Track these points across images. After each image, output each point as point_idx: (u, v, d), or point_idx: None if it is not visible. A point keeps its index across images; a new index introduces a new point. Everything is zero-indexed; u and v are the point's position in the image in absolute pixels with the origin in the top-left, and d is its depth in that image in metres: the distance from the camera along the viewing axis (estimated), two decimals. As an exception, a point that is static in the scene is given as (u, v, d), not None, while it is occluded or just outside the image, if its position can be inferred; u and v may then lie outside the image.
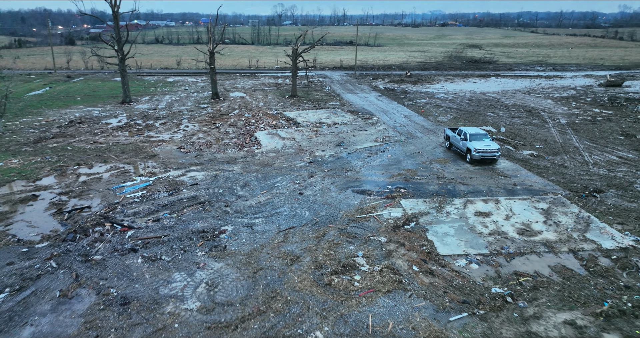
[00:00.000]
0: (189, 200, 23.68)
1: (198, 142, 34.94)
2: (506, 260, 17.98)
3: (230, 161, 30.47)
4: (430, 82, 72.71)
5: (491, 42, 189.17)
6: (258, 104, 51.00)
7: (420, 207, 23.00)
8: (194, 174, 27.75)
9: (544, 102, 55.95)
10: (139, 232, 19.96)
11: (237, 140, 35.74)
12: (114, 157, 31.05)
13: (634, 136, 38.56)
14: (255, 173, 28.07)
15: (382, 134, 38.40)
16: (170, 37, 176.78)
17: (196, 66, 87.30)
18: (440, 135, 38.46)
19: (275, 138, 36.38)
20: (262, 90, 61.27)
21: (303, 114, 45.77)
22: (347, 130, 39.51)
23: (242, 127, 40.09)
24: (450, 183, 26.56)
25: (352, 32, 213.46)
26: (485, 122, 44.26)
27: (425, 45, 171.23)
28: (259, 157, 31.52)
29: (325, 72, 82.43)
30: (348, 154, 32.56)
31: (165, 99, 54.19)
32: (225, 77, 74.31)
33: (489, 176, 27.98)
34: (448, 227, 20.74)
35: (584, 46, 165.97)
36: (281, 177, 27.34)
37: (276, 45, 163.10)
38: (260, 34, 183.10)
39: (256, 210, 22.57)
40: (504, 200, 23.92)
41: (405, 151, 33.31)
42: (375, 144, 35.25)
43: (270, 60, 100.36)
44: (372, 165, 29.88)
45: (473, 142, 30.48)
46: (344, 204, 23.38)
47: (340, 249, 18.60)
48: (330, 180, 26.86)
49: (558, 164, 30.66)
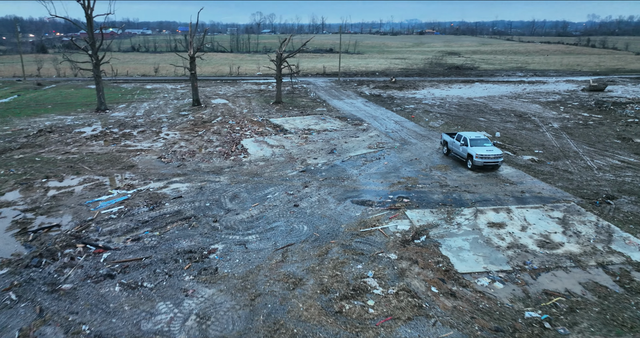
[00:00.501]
0: (172, 215, 21.27)
1: (180, 151, 32.48)
2: (532, 277, 16.17)
3: (216, 171, 28.13)
4: (416, 88, 71.66)
5: (469, 49, 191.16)
6: (242, 111, 48.74)
7: (427, 218, 21.11)
8: (177, 186, 25.33)
9: (532, 107, 55.25)
10: (116, 253, 17.49)
11: (222, 148, 33.42)
12: (87, 169, 28.36)
13: (630, 140, 37.73)
14: (244, 183, 25.81)
15: (374, 140, 36.61)
16: (147, 45, 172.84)
17: (175, 73, 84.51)
18: (435, 140, 36.89)
19: (263, 146, 34.18)
20: (245, 97, 59.03)
21: (290, 121, 43.71)
22: (337, 136, 37.59)
23: (226, 134, 37.77)
24: (455, 192, 24.81)
25: (332, 40, 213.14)
26: (477, 127, 42.98)
27: (405, 53, 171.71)
28: (247, 166, 29.27)
29: (308, 79, 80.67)
30: (342, 161, 30.60)
31: (143, 107, 51.43)
32: (206, 84, 71.78)
33: (494, 183, 26.36)
34: (462, 240, 18.88)
35: (559, 53, 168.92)
36: (273, 188, 25.16)
37: (255, 53, 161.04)
38: (239, 42, 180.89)
39: (249, 225, 20.31)
40: (516, 209, 22.24)
41: (402, 158, 31.54)
42: (369, 150, 33.40)
43: (252, 67, 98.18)
44: (369, 174, 27.97)
45: (474, 147, 28.90)
46: (345, 217, 21.33)
47: (347, 269, 16.51)
48: (327, 190, 24.80)
49: (562, 170, 29.31)
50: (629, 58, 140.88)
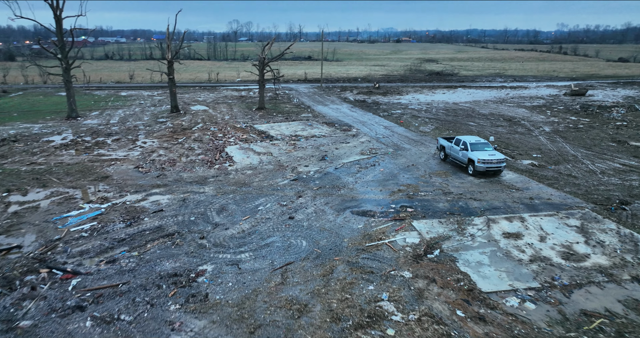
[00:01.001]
0: (153, 231, 18.86)
1: (159, 160, 29.97)
2: (564, 295, 14.42)
3: (200, 181, 25.75)
4: (400, 93, 70.53)
5: (446, 56, 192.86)
6: (224, 117, 46.38)
7: (437, 229, 19.26)
8: (156, 198, 22.87)
9: (519, 111, 54.55)
10: (87, 279, 15.01)
11: (205, 156, 31.04)
12: (55, 180, 25.62)
13: (625, 143, 36.94)
14: (231, 194, 23.53)
15: (366, 146, 34.80)
16: (122, 53, 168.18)
17: (151, 79, 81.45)
18: (428, 146, 35.32)
19: (249, 153, 31.94)
20: (226, 103, 56.64)
21: (275, 127, 41.59)
22: (327, 142, 35.64)
23: (208, 142, 35.38)
24: (461, 200, 23.08)
25: (310, 48, 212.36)
26: (469, 131, 41.70)
27: (384, 60, 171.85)
28: (234, 175, 26.98)
29: (290, 85, 78.74)
30: (335, 168, 28.62)
31: (117, 114, 48.51)
32: (184, 90, 69.07)
33: (500, 189, 24.77)
34: (479, 253, 17.06)
35: (534, 60, 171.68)
36: (264, 199, 22.95)
37: (233, 60, 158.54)
38: (216, 49, 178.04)
39: (240, 241, 18.06)
40: (529, 217, 20.61)
41: (398, 164, 29.77)
42: (362, 157, 31.54)
43: (231, 74, 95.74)
44: (366, 181, 26.05)
45: (475, 152, 27.34)
46: (346, 229, 19.30)
47: (358, 291, 14.45)
48: (323, 200, 22.75)
49: (565, 174, 28.00)
50: (601, 64, 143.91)
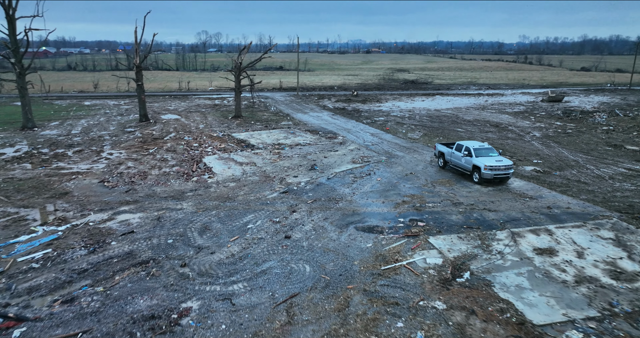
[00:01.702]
0: (122, 259, 15.54)
1: (128, 173, 26.47)
2: (631, 325, 12.00)
3: (176, 196, 22.46)
4: (379, 101, 68.75)
5: (417, 66, 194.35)
6: (198, 126, 43.01)
7: (459, 246, 16.69)
8: (126, 217, 19.49)
9: (503, 117, 53.40)
10: (35, 328, 11.62)
11: (181, 168, 27.72)
12: (3, 199, 21.81)
13: (622, 147, 35.73)
14: (214, 211, 20.37)
15: (356, 154, 32.23)
16: (85, 63, 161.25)
17: (117, 88, 77.00)
18: (422, 152, 33.07)
19: (230, 163, 28.80)
20: (200, 112, 53.20)
21: (255, 135, 38.57)
22: (314, 151, 32.88)
23: (183, 152, 32.04)
24: (474, 211, 20.67)
25: (281, 58, 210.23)
26: (459, 137, 39.82)
27: (356, 70, 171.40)
28: (215, 188, 23.81)
29: (265, 93, 75.83)
30: (327, 179, 25.85)
31: (80, 124, 44.38)
32: (153, 99, 65.13)
33: (512, 198, 22.53)
34: (515, 275, 14.55)
35: (501, 69, 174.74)
36: (253, 215, 19.91)
37: (203, 70, 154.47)
38: (185, 60, 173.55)
39: (231, 268, 14.98)
40: (555, 229, 18.34)
41: (395, 173, 27.27)
42: (354, 165, 28.92)
43: (203, 83, 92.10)
44: (365, 192, 23.37)
45: (480, 158, 25.13)
46: (354, 249, 16.49)
47: (385, 329, 11.63)
48: (321, 215, 19.90)
49: (574, 180, 26.13)
50: (567, 73, 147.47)
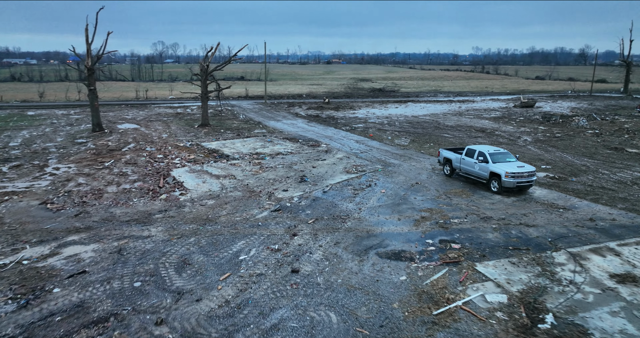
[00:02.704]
0: (69, 316, 10.93)
1: (78, 192, 21.51)
2: None
3: (141, 219, 17.84)
4: (353, 108, 65.72)
5: (378, 76, 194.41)
6: (160, 136, 38.06)
7: (517, 275, 13.12)
8: (75, 251, 14.78)
9: (483, 122, 51.42)
10: None
11: (144, 183, 23.00)
12: None
13: (623, 150, 33.83)
14: (193, 237, 15.96)
15: (347, 162, 28.49)
16: (32, 74, 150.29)
17: (67, 98, 70.22)
18: (418, 159, 29.76)
19: (204, 177, 24.30)
20: (161, 121, 48.05)
21: (228, 144, 34.12)
22: (299, 160, 28.88)
23: (146, 164, 27.23)
24: (510, 227, 17.28)
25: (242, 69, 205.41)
26: (450, 143, 36.98)
27: (319, 80, 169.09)
28: (190, 207, 19.32)
29: (231, 101, 71.18)
30: (323, 192, 21.91)
31: (21, 135, 38.38)
32: (108, 108, 59.16)
33: (544, 210, 19.36)
34: (609, 315, 11.07)
35: (461, 78, 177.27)
36: (243, 241, 15.65)
37: (160, 81, 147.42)
38: (141, 71, 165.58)
39: (228, 324, 10.69)
40: (619, 247, 15.16)
41: (398, 183, 23.68)
42: (349, 176, 25.13)
43: (163, 92, 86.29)
44: (373, 207, 19.57)
45: (499, 164, 21.94)
46: (386, 285, 12.60)
47: None
48: (330, 239, 15.90)
49: (596, 187, 23.40)
50: (525, 82, 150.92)
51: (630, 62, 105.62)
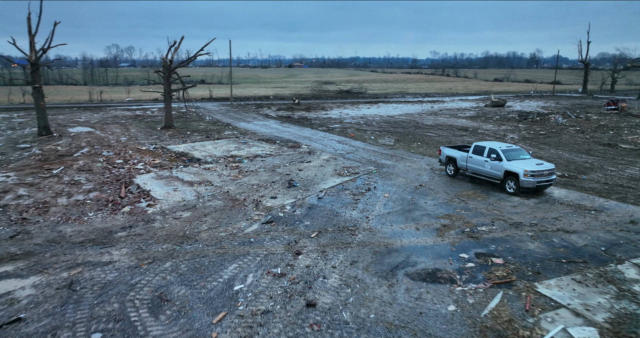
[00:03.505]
0: (-10, 397, 7.30)
1: (17, 205, 17.40)
2: None
3: (100, 239, 14.09)
4: (325, 109, 62.96)
5: (342, 79, 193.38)
6: (119, 139, 33.76)
7: (593, 298, 10.45)
8: (5, 288, 10.97)
9: (462, 121, 49.85)
10: None
11: (102, 193, 19.09)
12: None
13: (616, 146, 32.56)
14: (169, 261, 12.43)
15: (336, 164, 25.48)
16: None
17: (10, 101, 63.77)
18: (412, 159, 27.15)
19: (175, 184, 20.60)
20: (119, 124, 43.44)
21: (198, 147, 30.36)
22: (281, 163, 25.61)
23: (103, 171, 23.18)
24: (549, 234, 14.74)
25: (202, 73, 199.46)
26: (437, 141, 34.74)
27: (282, 83, 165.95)
28: (162, 222, 15.69)
29: (195, 103, 66.78)
30: (318, 198, 18.77)
31: (-49, 141, 33.05)
32: (58, 111, 53.64)
33: (574, 212, 17.01)
34: None
35: (423, 80, 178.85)
36: (235, 265, 12.28)
37: (116, 85, 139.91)
38: (94, 74, 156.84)
39: (236, 396, 7.36)
40: (685, 255, 12.83)
41: (399, 186, 20.87)
42: (343, 179, 22.11)
43: (120, 95, 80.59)
44: (382, 215, 16.61)
45: (514, 161, 19.51)
46: (434, 321, 9.61)
47: None
48: (343, 257, 12.79)
49: (613, 185, 21.45)
50: (485, 83, 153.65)
51: (588, 63, 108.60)
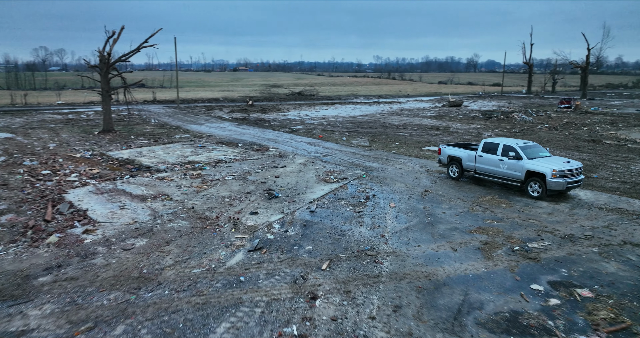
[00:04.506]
0: None
1: None
2: None
3: (10, 289, 9.37)
4: (281, 111, 59.03)
5: (289, 82, 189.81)
6: (46, 146, 28.03)
7: None
8: None
9: (428, 121, 47.81)
10: None
11: (17, 216, 14.11)
12: None
13: (600, 141, 31.13)
14: (121, 325, 8.05)
15: (317, 169, 21.66)
16: None
17: None
18: (399, 161, 23.88)
19: (121, 199, 15.87)
20: (47, 128, 37.14)
21: (146, 153, 25.45)
22: (252, 169, 21.41)
23: (23, 185, 17.96)
24: (621, 250, 11.77)
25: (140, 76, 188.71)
26: (416, 141, 31.94)
27: (229, 86, 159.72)
28: (106, 255, 11.13)
29: (137, 106, 60.51)
30: (311, 212, 14.86)
31: None
32: (-31, 116, 45.93)
33: (623, 218, 14.25)
34: None
35: (371, 84, 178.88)
36: (226, 325, 8.11)
37: (45, 89, 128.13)
38: (19, 78, 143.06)
39: None
40: None
41: (401, 192, 17.40)
42: (332, 186, 18.34)
43: (49, 99, 72.15)
44: (399, 231, 12.99)
45: (536, 160, 16.62)
46: None
47: None
48: (378, 301, 8.99)
49: (633, 183, 19.18)
50: (433, 86, 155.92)
51: (532, 64, 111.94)
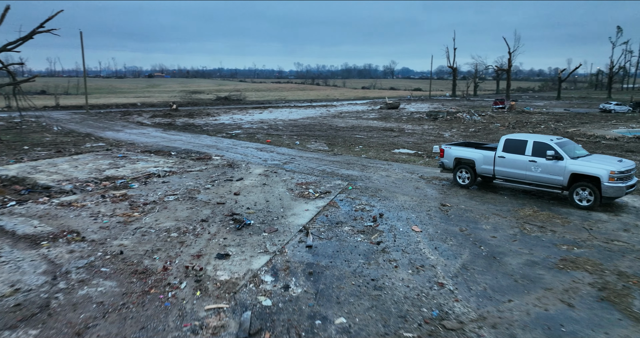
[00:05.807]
0: None
1: None
2: None
3: None
4: (211, 115, 52.95)
5: (211, 88, 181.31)
6: None
7: None
8: None
9: (374, 123, 44.72)
10: None
11: None
12: None
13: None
14: None
15: (284, 181, 16.62)
16: None
17: None
18: (378, 166, 19.60)
19: (2, 245, 9.79)
20: None
21: (45, 167, 18.72)
22: (199, 184, 15.83)
23: None
24: None
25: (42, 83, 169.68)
26: (379, 144, 28.09)
27: (144, 92, 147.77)
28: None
29: (34, 113, 50.90)
30: (307, 247, 9.88)
31: None
32: None
33: None
34: None
35: (296, 89, 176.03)
36: None
37: None
38: None
39: None
40: None
41: (413, 208, 12.98)
42: (317, 204, 13.44)
43: None
44: (457, 274, 8.47)
45: (581, 160, 13.07)
46: None
47: None
48: None
49: (658, 183, 16.48)
50: (357, 91, 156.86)
51: (455, 68, 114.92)
